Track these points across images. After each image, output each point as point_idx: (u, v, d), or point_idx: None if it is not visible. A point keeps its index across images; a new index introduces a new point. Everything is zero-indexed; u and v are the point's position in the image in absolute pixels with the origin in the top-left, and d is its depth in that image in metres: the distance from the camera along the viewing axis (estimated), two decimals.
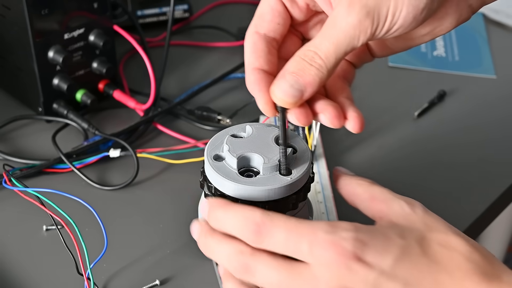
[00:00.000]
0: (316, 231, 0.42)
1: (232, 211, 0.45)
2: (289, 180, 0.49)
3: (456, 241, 0.44)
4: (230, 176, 0.49)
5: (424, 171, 0.75)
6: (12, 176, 0.63)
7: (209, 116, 0.80)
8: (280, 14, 0.49)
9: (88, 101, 0.78)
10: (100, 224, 0.58)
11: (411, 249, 0.43)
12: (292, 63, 0.46)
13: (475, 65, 0.93)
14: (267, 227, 0.43)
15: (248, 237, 0.44)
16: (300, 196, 0.50)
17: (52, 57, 0.75)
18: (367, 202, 0.47)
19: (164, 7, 0.97)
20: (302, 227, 0.43)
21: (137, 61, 0.86)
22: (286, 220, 0.43)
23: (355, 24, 0.44)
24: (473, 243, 0.44)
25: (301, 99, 0.46)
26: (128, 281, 0.61)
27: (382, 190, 0.48)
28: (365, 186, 0.48)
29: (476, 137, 0.80)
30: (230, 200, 0.48)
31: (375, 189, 0.48)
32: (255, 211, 0.44)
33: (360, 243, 0.42)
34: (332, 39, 0.45)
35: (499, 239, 1.27)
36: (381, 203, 0.47)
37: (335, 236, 0.42)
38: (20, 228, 0.66)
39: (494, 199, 0.71)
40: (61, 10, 0.74)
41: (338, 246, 0.42)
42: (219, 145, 0.51)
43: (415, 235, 0.44)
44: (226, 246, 0.44)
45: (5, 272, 0.62)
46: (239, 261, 0.44)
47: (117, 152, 0.73)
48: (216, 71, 0.88)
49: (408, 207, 0.46)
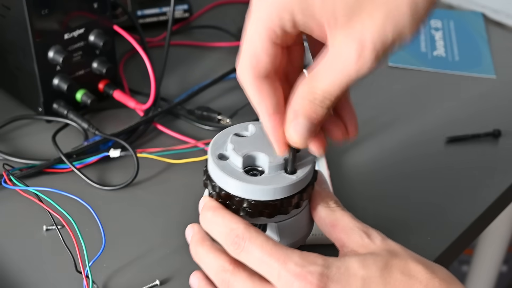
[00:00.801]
0: (287, 261, 0.45)
1: (220, 217, 0.49)
2: (295, 179, 0.49)
3: (416, 269, 0.46)
4: (235, 175, 0.49)
5: (424, 171, 0.75)
6: (12, 176, 0.63)
7: (209, 116, 0.80)
8: (277, 52, 0.47)
9: (88, 101, 0.78)
10: (99, 224, 0.58)
11: (372, 281, 0.45)
12: (302, 104, 0.46)
13: (475, 65, 0.93)
14: (246, 243, 0.47)
15: (228, 247, 0.48)
16: (304, 195, 0.50)
17: (52, 57, 0.75)
18: (329, 228, 0.50)
19: (164, 7, 0.97)
20: (276, 253, 0.46)
21: (137, 61, 0.86)
22: (264, 241, 0.47)
23: (366, 68, 0.43)
24: (432, 270, 0.46)
25: (314, 136, 0.47)
26: (128, 281, 0.61)
27: (343, 217, 0.50)
28: (328, 211, 0.51)
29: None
30: (236, 199, 0.49)
31: (337, 216, 0.50)
32: (239, 224, 0.48)
33: (325, 278, 0.45)
34: (340, 82, 0.44)
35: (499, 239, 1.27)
36: (341, 232, 0.49)
37: (303, 269, 0.45)
38: (20, 228, 0.66)
39: (494, 199, 0.71)
40: (61, 10, 0.74)
41: (304, 279, 0.45)
42: (222, 144, 0.51)
43: (378, 264, 0.46)
44: (212, 259, 0.48)
45: (5, 272, 0.62)
46: (222, 277, 0.48)
47: (117, 152, 0.73)
48: (216, 71, 0.88)
49: (366, 237, 0.48)
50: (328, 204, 0.51)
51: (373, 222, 0.51)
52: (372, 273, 0.45)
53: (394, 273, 0.45)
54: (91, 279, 0.57)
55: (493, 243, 1.28)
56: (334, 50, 0.43)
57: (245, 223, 0.48)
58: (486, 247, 1.30)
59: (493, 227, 1.08)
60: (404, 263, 0.46)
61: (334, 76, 0.44)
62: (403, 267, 0.46)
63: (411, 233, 0.66)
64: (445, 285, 0.45)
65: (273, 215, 0.49)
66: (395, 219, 0.67)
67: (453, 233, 0.67)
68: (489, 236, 1.26)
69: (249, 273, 0.47)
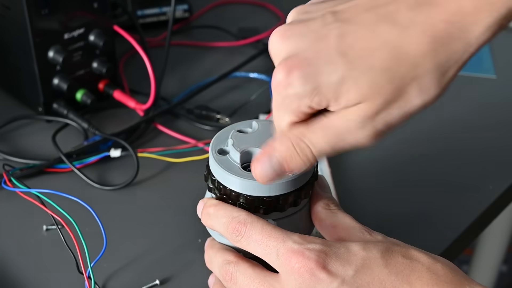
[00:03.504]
0: (286, 239, 0.46)
1: (222, 209, 0.49)
2: (291, 176, 0.49)
3: (418, 254, 0.45)
4: (232, 170, 0.49)
5: (424, 171, 0.75)
6: (12, 176, 0.63)
7: (208, 115, 0.80)
8: None
9: (88, 101, 0.78)
10: (100, 224, 0.58)
11: (373, 261, 0.44)
12: (282, 145, 0.45)
13: (475, 65, 0.93)
14: (247, 228, 0.47)
15: (230, 235, 0.48)
16: (301, 193, 0.50)
17: (52, 57, 0.75)
18: (329, 229, 0.50)
19: (164, 7, 0.97)
20: (275, 234, 0.46)
21: (137, 61, 0.86)
22: (264, 224, 0.47)
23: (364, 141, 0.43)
24: (435, 256, 0.46)
25: (276, 179, 0.47)
26: (128, 281, 0.61)
27: (344, 218, 0.50)
28: (329, 213, 0.50)
29: (476, 137, 0.80)
30: (233, 194, 0.49)
31: (338, 217, 0.50)
32: (240, 212, 0.48)
33: (323, 254, 0.44)
34: (332, 143, 0.44)
35: (499, 239, 1.27)
36: (342, 231, 0.49)
37: (301, 246, 0.45)
38: (20, 228, 0.66)
39: (494, 199, 0.71)
40: (61, 10, 0.74)
41: (302, 254, 0.45)
42: (224, 140, 0.52)
43: (379, 247, 0.45)
44: (218, 256, 0.49)
45: (5, 272, 0.62)
46: (226, 270, 0.48)
47: (118, 152, 0.73)
48: (216, 71, 0.88)
49: (368, 234, 0.48)
50: (329, 206, 0.51)
51: (373, 220, 0.51)
52: (373, 255, 0.44)
53: (395, 256, 0.45)
54: (93, 280, 0.57)
55: (493, 243, 1.28)
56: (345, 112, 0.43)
57: (247, 212, 0.48)
58: (486, 247, 1.30)
59: (493, 227, 1.08)
60: (405, 249, 0.45)
61: (334, 142, 0.44)
62: (404, 252, 0.45)
63: (411, 233, 0.66)
64: (448, 269, 0.44)
65: (269, 211, 0.49)
66: (395, 218, 0.67)
67: (453, 233, 0.67)
68: (489, 236, 1.26)
69: (251, 263, 0.48)
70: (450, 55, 0.42)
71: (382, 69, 0.41)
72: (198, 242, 0.64)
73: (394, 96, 0.42)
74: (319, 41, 0.42)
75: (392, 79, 0.42)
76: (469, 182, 0.73)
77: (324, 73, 0.42)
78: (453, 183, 0.73)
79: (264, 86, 0.85)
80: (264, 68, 0.89)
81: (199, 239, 0.64)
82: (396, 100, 0.42)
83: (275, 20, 1.00)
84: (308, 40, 0.43)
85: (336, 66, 0.42)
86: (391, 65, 0.41)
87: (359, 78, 0.41)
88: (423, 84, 0.42)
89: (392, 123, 0.44)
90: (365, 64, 0.41)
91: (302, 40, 0.43)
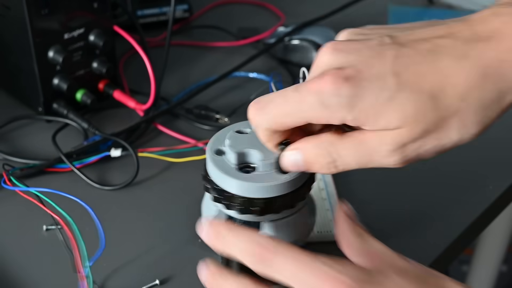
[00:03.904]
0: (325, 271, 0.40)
1: (241, 234, 0.43)
2: (285, 179, 0.49)
3: (455, 286, 0.43)
4: (227, 171, 0.49)
5: (424, 170, 0.75)
6: (12, 176, 0.63)
7: (207, 114, 0.80)
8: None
9: (88, 101, 0.78)
10: (97, 223, 0.58)
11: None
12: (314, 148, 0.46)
13: None
14: (276, 255, 0.41)
15: (254, 264, 0.42)
16: (297, 195, 0.50)
17: (52, 57, 0.75)
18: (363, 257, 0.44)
19: (164, 7, 0.97)
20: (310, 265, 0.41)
21: (137, 61, 0.86)
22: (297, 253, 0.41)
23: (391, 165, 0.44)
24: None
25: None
26: (128, 281, 0.61)
27: (377, 245, 0.45)
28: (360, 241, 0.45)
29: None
30: (226, 194, 0.49)
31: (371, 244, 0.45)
32: (261, 236, 0.42)
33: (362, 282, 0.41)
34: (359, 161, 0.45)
35: (499, 239, 1.27)
36: (377, 258, 0.44)
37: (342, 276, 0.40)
38: (20, 228, 0.66)
39: (494, 199, 0.71)
40: (61, 10, 0.74)
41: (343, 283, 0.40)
42: (223, 140, 0.51)
43: (415, 276, 0.42)
44: (233, 282, 0.43)
45: (5, 272, 0.62)
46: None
47: (118, 151, 0.73)
48: (216, 71, 0.88)
49: (404, 261, 0.44)
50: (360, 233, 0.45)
51: (374, 221, 0.50)
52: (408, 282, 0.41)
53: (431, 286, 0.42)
54: (92, 279, 0.57)
55: (493, 243, 1.28)
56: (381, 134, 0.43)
57: (269, 237, 0.43)
58: (486, 247, 1.30)
59: (493, 227, 1.08)
60: (442, 280, 0.43)
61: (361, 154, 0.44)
62: (442, 284, 0.42)
63: (411, 233, 0.66)
64: None
65: (264, 213, 0.49)
66: (395, 218, 0.67)
67: (453, 233, 0.67)
68: (489, 236, 1.26)
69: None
70: (496, 94, 0.42)
71: (430, 95, 0.42)
72: (198, 242, 0.63)
73: (434, 127, 0.42)
74: (374, 58, 0.43)
75: (437, 108, 0.42)
76: (469, 182, 0.73)
77: (374, 89, 0.42)
78: (453, 183, 0.73)
79: (264, 86, 0.85)
80: (264, 68, 0.89)
81: (199, 239, 0.63)
82: (434, 130, 0.42)
83: (275, 20, 1.00)
84: (364, 56, 0.43)
85: (387, 85, 0.42)
86: (438, 93, 0.42)
87: (407, 101, 0.42)
88: (465, 119, 0.42)
89: (423, 155, 0.44)
90: (415, 88, 0.42)
91: (358, 54, 0.43)
